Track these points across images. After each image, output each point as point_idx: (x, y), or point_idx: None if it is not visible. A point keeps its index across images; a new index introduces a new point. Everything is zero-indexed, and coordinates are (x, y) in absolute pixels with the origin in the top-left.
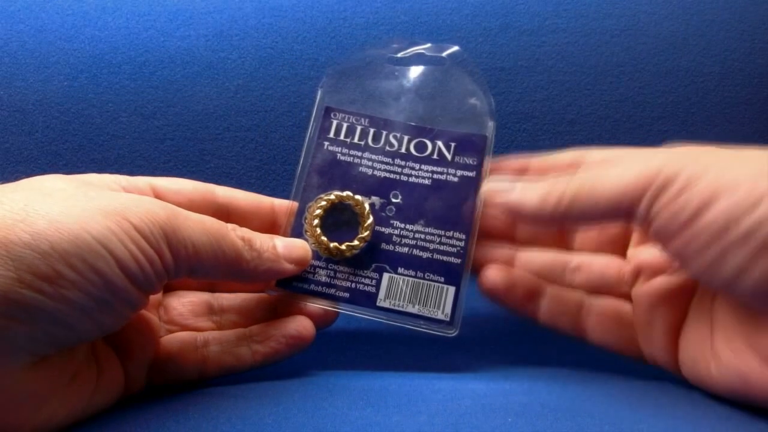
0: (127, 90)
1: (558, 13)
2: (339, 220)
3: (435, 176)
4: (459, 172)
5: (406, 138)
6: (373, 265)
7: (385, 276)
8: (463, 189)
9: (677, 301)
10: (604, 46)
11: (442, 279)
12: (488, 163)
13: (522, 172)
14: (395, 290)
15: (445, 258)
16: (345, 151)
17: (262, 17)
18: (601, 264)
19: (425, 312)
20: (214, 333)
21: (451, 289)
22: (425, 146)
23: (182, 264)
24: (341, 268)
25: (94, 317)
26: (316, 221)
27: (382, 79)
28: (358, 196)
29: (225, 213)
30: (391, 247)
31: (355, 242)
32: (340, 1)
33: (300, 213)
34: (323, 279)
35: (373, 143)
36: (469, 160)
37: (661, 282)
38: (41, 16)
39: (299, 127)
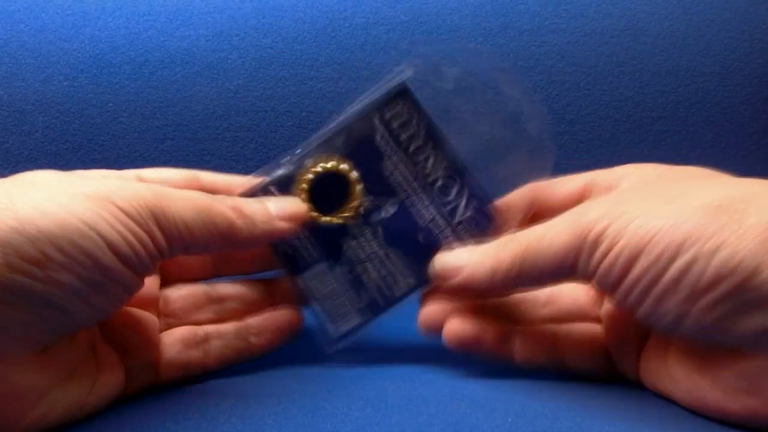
0: (127, 90)
1: (558, 13)
2: (327, 192)
3: (430, 224)
4: (450, 236)
5: (441, 170)
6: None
7: (327, 264)
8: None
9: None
10: (604, 46)
11: (364, 304)
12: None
13: None
14: (326, 280)
15: (381, 289)
16: (386, 138)
17: (262, 17)
18: (571, 292)
19: (325, 317)
20: (213, 327)
21: (361, 319)
22: (449, 191)
23: (175, 243)
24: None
25: (88, 300)
26: (303, 185)
27: (472, 96)
28: (353, 173)
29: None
30: (353, 244)
31: (336, 219)
32: (340, 1)
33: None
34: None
35: (411, 152)
36: (468, 236)
37: None
38: (41, 16)
39: (299, 127)
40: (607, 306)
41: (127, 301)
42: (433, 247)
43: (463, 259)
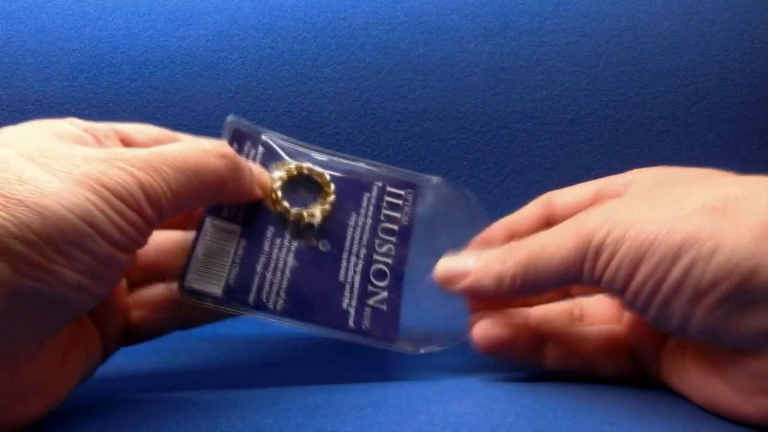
0: (127, 90)
1: (558, 13)
2: (297, 193)
3: (345, 284)
4: (351, 308)
5: (388, 259)
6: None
7: (242, 230)
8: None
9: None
10: (604, 46)
11: (235, 286)
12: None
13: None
14: (228, 240)
15: (260, 291)
16: (372, 201)
17: (262, 17)
18: (600, 301)
19: (194, 266)
20: None
21: (219, 294)
22: (380, 278)
23: (165, 212)
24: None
25: (90, 291)
26: (278, 183)
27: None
28: (318, 168)
29: None
30: (275, 238)
31: (316, 211)
32: (340, 1)
33: None
34: None
35: (379, 228)
36: (366, 323)
37: None
38: (41, 16)
39: (299, 127)
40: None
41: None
42: (328, 300)
43: (469, 264)
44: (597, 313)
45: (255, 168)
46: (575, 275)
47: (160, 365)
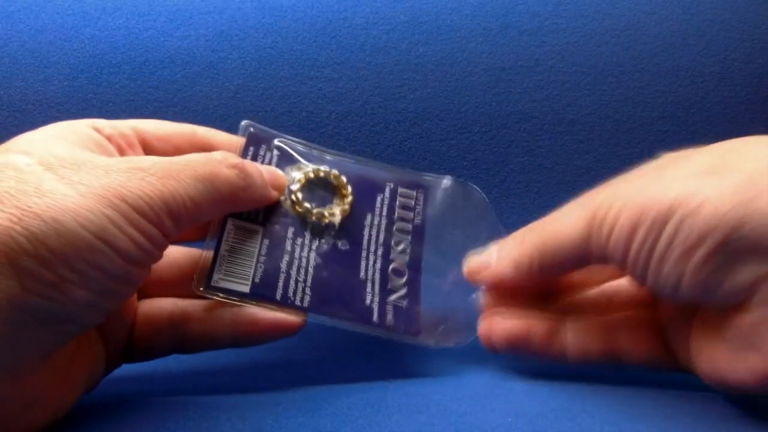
0: (127, 90)
1: (558, 13)
2: (315, 193)
3: (366, 282)
4: (375, 306)
5: (405, 257)
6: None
7: (263, 229)
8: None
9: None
10: (604, 46)
11: (261, 284)
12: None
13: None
14: (252, 239)
15: (287, 288)
16: (386, 202)
17: (262, 17)
18: (621, 281)
19: (219, 266)
20: (190, 303)
21: (246, 291)
22: (398, 275)
23: (182, 224)
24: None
25: (100, 306)
26: (296, 186)
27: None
28: (335, 171)
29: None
30: (296, 238)
31: (336, 210)
32: (340, 1)
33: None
34: None
35: (394, 228)
36: (390, 318)
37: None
38: (41, 16)
39: (299, 127)
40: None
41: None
42: (351, 296)
43: (492, 256)
44: (623, 299)
45: (269, 170)
46: (586, 252)
47: (161, 366)
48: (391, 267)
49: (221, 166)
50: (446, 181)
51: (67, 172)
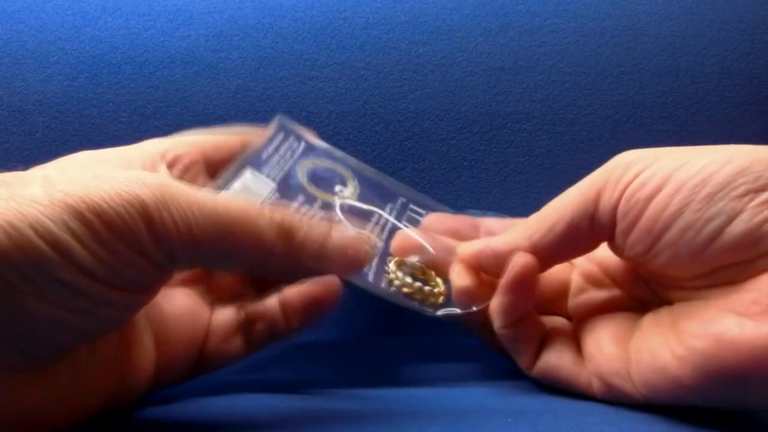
0: (127, 90)
1: (558, 13)
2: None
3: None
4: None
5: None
6: None
7: None
8: None
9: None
10: (604, 46)
11: None
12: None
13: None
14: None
15: None
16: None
17: (262, 17)
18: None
19: None
20: (254, 308)
21: None
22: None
23: (178, 254)
24: None
25: (76, 326)
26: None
27: None
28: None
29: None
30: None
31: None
32: (340, 1)
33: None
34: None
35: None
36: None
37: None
38: (41, 16)
39: None
40: None
41: (134, 315)
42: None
43: (491, 240)
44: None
45: (349, 237)
46: (593, 203)
47: None
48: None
49: (259, 214)
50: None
51: (59, 181)
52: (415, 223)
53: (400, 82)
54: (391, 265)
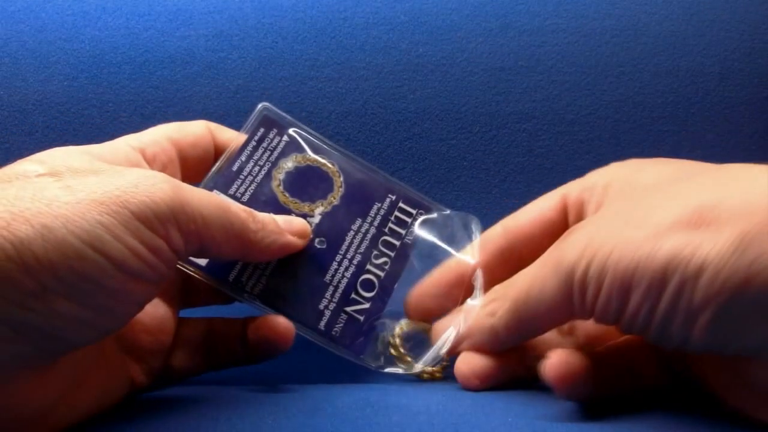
0: (127, 90)
1: (558, 13)
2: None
3: (329, 285)
4: (327, 312)
5: (379, 272)
6: None
7: None
8: None
9: None
10: (604, 46)
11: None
12: None
13: None
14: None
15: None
16: (381, 213)
17: (262, 17)
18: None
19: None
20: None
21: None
22: (367, 288)
23: (193, 240)
24: None
25: (93, 324)
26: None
27: None
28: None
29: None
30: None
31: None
32: (340, 1)
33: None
34: None
35: (380, 240)
36: (337, 331)
37: None
38: (41, 16)
39: None
40: None
41: (139, 312)
42: (306, 296)
43: (458, 326)
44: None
45: (287, 219)
46: (567, 313)
47: None
48: (362, 278)
49: (230, 202)
50: (449, 212)
51: (73, 180)
52: (403, 225)
53: (400, 82)
54: (397, 329)
